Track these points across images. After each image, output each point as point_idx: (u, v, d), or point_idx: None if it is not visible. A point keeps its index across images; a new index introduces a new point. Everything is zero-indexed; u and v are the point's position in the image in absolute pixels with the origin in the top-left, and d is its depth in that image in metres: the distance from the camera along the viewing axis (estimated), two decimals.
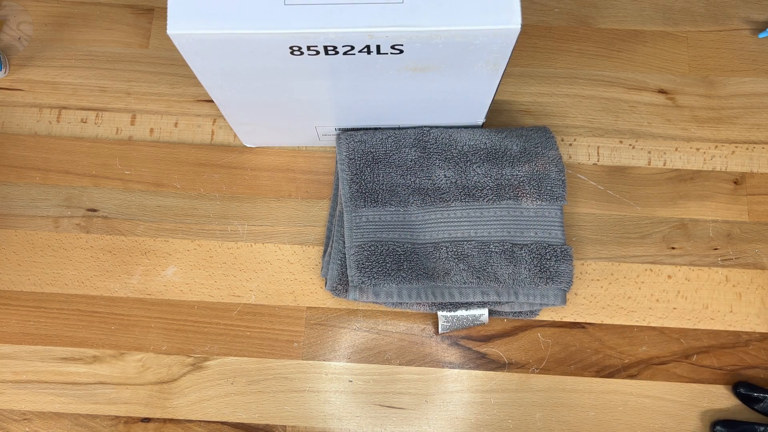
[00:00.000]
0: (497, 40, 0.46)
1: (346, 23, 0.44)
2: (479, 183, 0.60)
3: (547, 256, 0.59)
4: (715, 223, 0.65)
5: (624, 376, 0.61)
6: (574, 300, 0.63)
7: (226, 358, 0.61)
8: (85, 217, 0.65)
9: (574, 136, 0.67)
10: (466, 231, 0.60)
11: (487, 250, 0.59)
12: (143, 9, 0.71)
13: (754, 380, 0.61)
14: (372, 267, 0.58)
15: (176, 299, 0.63)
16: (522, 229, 0.60)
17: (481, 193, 0.60)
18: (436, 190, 0.61)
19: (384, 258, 0.58)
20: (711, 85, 0.68)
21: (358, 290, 0.58)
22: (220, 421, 0.60)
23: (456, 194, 0.60)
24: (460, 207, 0.60)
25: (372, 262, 0.58)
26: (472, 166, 0.61)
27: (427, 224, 0.60)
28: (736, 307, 0.63)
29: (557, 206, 0.60)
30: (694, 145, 0.67)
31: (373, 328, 0.62)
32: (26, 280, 0.63)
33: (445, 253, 0.59)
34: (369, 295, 0.58)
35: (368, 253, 0.58)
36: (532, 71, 0.69)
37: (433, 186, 0.61)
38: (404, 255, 0.58)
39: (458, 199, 0.60)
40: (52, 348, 0.62)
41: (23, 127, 0.67)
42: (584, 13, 0.71)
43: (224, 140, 0.67)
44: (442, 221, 0.60)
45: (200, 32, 0.44)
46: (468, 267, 0.58)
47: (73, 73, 0.69)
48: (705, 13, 0.70)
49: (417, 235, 0.60)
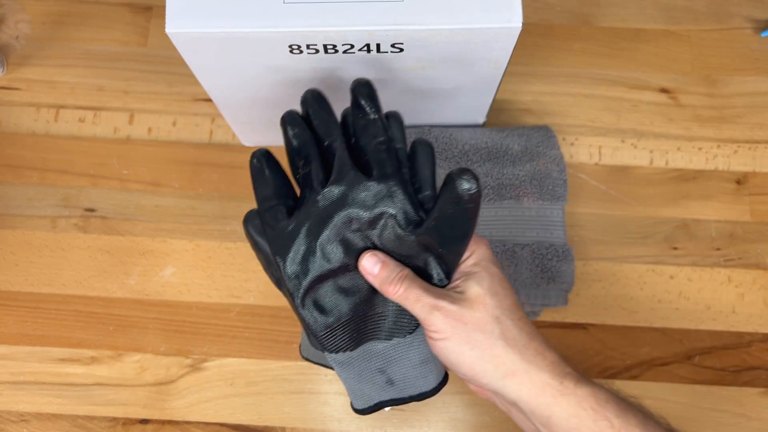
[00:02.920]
0: (498, 39, 0.46)
1: (346, 22, 0.44)
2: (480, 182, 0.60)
3: (549, 256, 0.58)
4: (717, 223, 0.64)
5: (626, 377, 0.61)
6: (576, 301, 0.62)
7: (224, 360, 0.61)
8: (82, 217, 0.64)
9: (575, 136, 0.67)
10: None
11: None
12: (141, 7, 0.70)
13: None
14: None
15: (174, 300, 0.62)
16: (523, 228, 0.59)
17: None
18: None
19: None
20: (713, 84, 0.68)
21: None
22: (219, 422, 0.60)
23: None
24: None
25: None
26: (473, 165, 0.60)
27: None
28: (739, 307, 0.62)
29: (558, 206, 0.60)
30: (697, 145, 0.66)
31: None
32: (23, 280, 0.63)
33: None
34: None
35: None
36: (533, 70, 0.69)
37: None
38: None
39: None
40: (50, 349, 0.61)
41: (21, 126, 0.67)
42: (586, 11, 0.70)
43: (223, 139, 0.67)
44: None
45: (199, 31, 0.44)
46: None
47: (71, 72, 0.68)
48: (707, 12, 0.70)
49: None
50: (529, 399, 0.39)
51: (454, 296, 0.39)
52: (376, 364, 0.42)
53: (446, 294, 0.39)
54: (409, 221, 0.39)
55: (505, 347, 0.38)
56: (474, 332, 0.38)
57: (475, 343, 0.38)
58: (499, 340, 0.38)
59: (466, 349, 0.38)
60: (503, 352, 0.38)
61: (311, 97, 0.42)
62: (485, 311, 0.39)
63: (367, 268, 0.39)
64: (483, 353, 0.38)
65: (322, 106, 0.42)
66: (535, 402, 0.38)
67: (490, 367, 0.39)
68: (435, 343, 0.39)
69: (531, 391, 0.38)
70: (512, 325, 0.39)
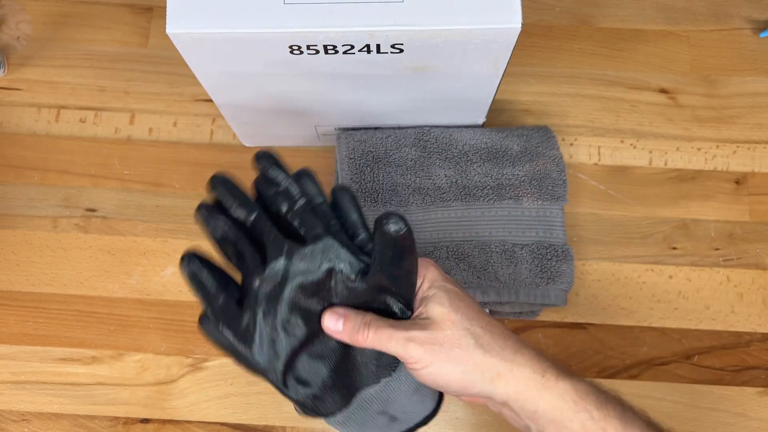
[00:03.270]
0: (498, 40, 0.46)
1: (346, 22, 0.44)
2: (480, 183, 0.60)
3: (548, 256, 0.58)
4: (716, 223, 0.64)
5: (625, 377, 0.61)
6: (575, 300, 0.62)
7: (225, 359, 0.61)
8: (83, 217, 0.65)
9: (575, 136, 0.67)
10: (467, 231, 0.59)
11: (487, 250, 0.59)
12: (142, 8, 0.70)
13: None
14: None
15: (175, 300, 0.63)
16: (523, 229, 0.60)
17: (481, 193, 0.60)
18: (436, 189, 0.60)
19: None
20: (712, 85, 0.68)
21: None
22: (220, 422, 0.60)
23: (456, 194, 0.60)
24: (461, 207, 0.60)
25: None
26: (472, 165, 0.61)
27: (427, 224, 0.60)
28: (738, 307, 0.62)
29: (558, 206, 0.60)
30: (696, 145, 0.67)
31: None
32: (25, 280, 0.63)
33: (445, 252, 0.59)
34: None
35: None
36: (533, 70, 0.69)
37: (434, 185, 0.60)
38: None
39: (459, 199, 0.60)
40: (51, 348, 0.61)
41: (22, 126, 0.67)
42: (585, 12, 0.70)
43: (223, 140, 0.67)
44: (442, 221, 0.60)
45: (199, 31, 0.44)
46: (468, 267, 0.58)
47: (72, 73, 0.69)
48: (706, 13, 0.70)
49: (417, 235, 0.60)
50: (517, 396, 0.39)
51: (421, 323, 0.40)
52: (375, 408, 0.42)
53: (414, 324, 0.40)
54: (355, 269, 0.39)
55: (484, 354, 0.39)
56: (451, 350, 0.39)
57: (456, 359, 0.39)
58: (477, 349, 0.39)
59: (449, 368, 0.39)
60: (483, 359, 0.39)
61: (219, 181, 0.41)
62: (454, 327, 0.39)
63: (330, 327, 0.40)
64: (466, 366, 0.39)
65: (232, 189, 0.40)
66: (522, 398, 0.39)
67: (476, 376, 0.39)
68: (419, 373, 0.40)
69: (517, 388, 0.39)
70: (483, 331, 0.40)
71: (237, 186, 0.41)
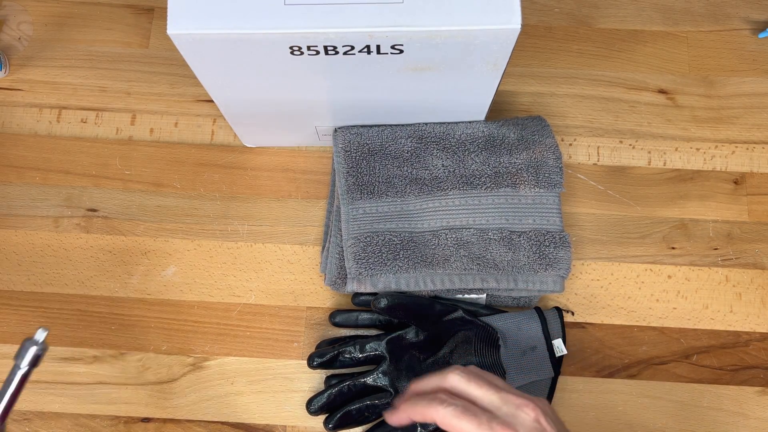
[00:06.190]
0: (497, 40, 0.46)
1: (346, 23, 0.44)
2: (477, 171, 0.60)
3: (546, 243, 0.59)
4: (715, 223, 0.65)
5: (624, 376, 0.61)
6: (574, 300, 0.63)
7: (226, 358, 0.61)
8: (85, 217, 0.65)
9: (574, 136, 0.67)
10: (465, 219, 0.60)
11: (486, 237, 0.59)
12: (143, 9, 0.71)
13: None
14: (369, 258, 0.58)
15: (176, 299, 0.63)
16: (520, 216, 0.60)
17: (479, 181, 0.60)
18: (433, 179, 0.61)
19: (380, 248, 0.58)
20: (711, 85, 0.68)
21: (356, 281, 0.58)
22: (220, 421, 0.60)
23: (454, 183, 0.60)
24: (458, 195, 0.60)
25: (368, 253, 0.58)
26: (470, 155, 0.61)
27: (425, 213, 0.60)
28: (736, 307, 0.63)
29: (555, 193, 0.61)
30: (694, 145, 0.67)
31: None
32: (26, 279, 0.63)
33: (444, 239, 0.59)
34: (367, 286, 0.58)
35: (364, 245, 0.58)
36: (532, 71, 0.69)
37: (431, 176, 0.61)
38: (401, 244, 0.58)
39: (456, 188, 0.60)
40: (52, 348, 0.62)
41: (23, 127, 0.67)
42: (584, 13, 0.71)
43: (224, 140, 0.67)
44: (440, 210, 0.60)
45: (200, 32, 0.44)
46: (468, 253, 0.58)
47: (73, 73, 0.69)
48: (705, 13, 0.70)
49: (415, 224, 0.60)
50: None
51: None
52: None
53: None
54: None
55: None
56: None
57: None
58: None
59: None
60: None
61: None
62: None
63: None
64: None
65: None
66: None
67: None
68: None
69: None
70: None
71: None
